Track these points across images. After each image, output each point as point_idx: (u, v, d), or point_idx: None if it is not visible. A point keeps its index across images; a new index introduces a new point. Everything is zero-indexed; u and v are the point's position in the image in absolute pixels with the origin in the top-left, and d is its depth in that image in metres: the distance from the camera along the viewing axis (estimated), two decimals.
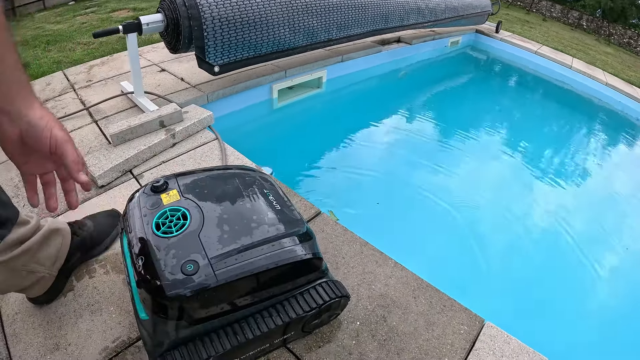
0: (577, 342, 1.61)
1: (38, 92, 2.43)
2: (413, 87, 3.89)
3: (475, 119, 3.46)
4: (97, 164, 1.59)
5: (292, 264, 0.78)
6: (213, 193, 0.86)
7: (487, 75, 4.63)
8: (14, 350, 1.05)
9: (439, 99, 3.72)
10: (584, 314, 1.77)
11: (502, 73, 4.70)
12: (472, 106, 3.75)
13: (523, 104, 4.04)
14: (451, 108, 3.59)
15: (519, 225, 2.18)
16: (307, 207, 1.46)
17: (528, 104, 4.06)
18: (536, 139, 3.31)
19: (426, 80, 4.05)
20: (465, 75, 4.41)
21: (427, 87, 3.90)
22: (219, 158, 1.72)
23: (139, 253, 0.76)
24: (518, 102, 4.07)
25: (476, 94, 4.03)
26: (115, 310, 1.13)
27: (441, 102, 3.65)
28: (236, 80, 2.54)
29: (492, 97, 4.07)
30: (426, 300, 1.12)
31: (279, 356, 1.00)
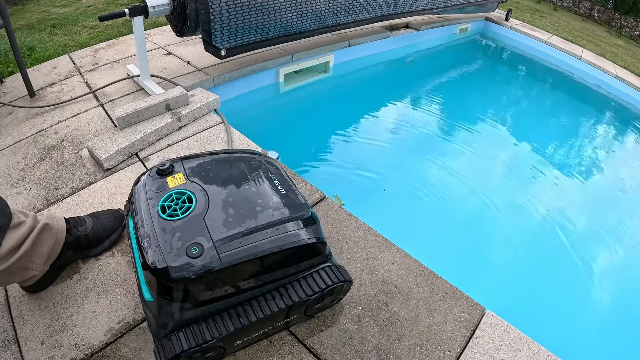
0: (578, 335, 1.62)
1: (44, 76, 2.44)
2: (420, 73, 3.85)
3: (482, 107, 3.43)
4: (103, 147, 1.60)
5: (296, 247, 0.79)
6: (218, 176, 0.86)
7: (495, 63, 4.57)
8: (20, 332, 1.06)
9: (446, 86, 3.69)
10: (587, 307, 1.77)
11: (510, 62, 4.64)
12: (479, 94, 3.72)
13: (530, 94, 4.00)
14: (458, 96, 3.56)
15: (524, 216, 2.17)
16: (312, 192, 1.46)
17: (536, 94, 4.02)
18: (542, 129, 3.28)
19: (434, 67, 4.01)
20: (473, 63, 4.36)
21: (434, 74, 3.86)
22: (224, 142, 1.72)
23: (144, 235, 0.77)
24: (525, 92, 4.03)
25: (484, 82, 3.99)
26: (121, 292, 1.14)
27: (448, 90, 3.62)
28: (242, 63, 2.53)
29: (500, 86, 4.03)
30: (428, 287, 1.13)
31: (281, 339, 1.01)
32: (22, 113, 2.06)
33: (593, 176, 2.80)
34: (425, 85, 3.63)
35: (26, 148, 1.77)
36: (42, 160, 1.68)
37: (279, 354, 0.99)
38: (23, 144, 1.81)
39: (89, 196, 1.47)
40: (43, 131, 1.87)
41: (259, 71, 2.60)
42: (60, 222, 1.11)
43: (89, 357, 1.01)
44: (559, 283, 1.82)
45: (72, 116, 1.97)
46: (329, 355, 0.98)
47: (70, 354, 1.01)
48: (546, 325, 1.58)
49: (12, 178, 1.60)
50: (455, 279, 1.17)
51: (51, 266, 1.11)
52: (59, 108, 2.06)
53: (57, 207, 1.43)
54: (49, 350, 1.02)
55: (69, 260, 1.20)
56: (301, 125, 2.75)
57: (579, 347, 1.55)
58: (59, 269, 1.18)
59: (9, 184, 1.57)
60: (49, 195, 1.49)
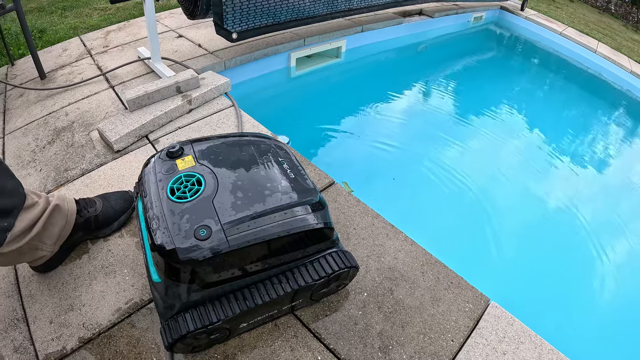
0: (582, 331, 1.61)
1: (54, 58, 2.45)
2: (433, 61, 3.81)
3: (494, 97, 3.39)
4: (114, 129, 1.60)
5: (303, 232, 0.79)
6: (228, 160, 0.86)
7: (509, 53, 4.50)
8: (29, 311, 1.08)
9: (458, 75, 3.65)
10: (593, 304, 1.75)
11: (524, 52, 4.57)
12: (492, 84, 3.67)
13: (543, 86, 3.94)
14: (470, 85, 3.52)
15: (533, 208, 2.16)
16: (321, 177, 1.46)
17: (549, 86, 3.96)
18: (554, 121, 3.24)
19: (446, 55, 3.96)
20: (486, 52, 4.30)
21: (446, 62, 3.82)
22: (235, 125, 1.72)
23: (153, 217, 0.77)
24: (539, 84, 3.97)
25: (496, 72, 3.94)
26: (129, 272, 1.15)
27: (460, 79, 3.58)
28: (254, 47, 2.52)
29: (513, 77, 3.98)
30: (434, 276, 1.13)
31: (286, 322, 1.02)
32: (33, 95, 2.07)
33: (604, 170, 2.77)
34: (438, 73, 3.59)
35: (37, 130, 1.78)
36: (52, 141, 1.69)
37: (284, 337, 1.00)
38: (34, 125, 1.82)
39: (98, 177, 1.48)
40: (53, 113, 1.88)
41: (271, 55, 2.59)
42: (70, 204, 1.12)
43: (96, 336, 1.02)
44: (566, 278, 1.80)
45: (83, 98, 1.97)
46: (333, 340, 0.99)
47: (78, 333, 1.03)
48: (550, 319, 1.57)
49: (23, 159, 1.62)
50: (461, 268, 1.16)
51: (61, 247, 1.12)
52: (70, 90, 2.07)
53: (67, 189, 1.44)
54: (57, 329, 1.04)
55: (79, 241, 1.21)
56: (312, 110, 2.74)
57: (582, 344, 1.55)
58: (69, 250, 1.19)
59: (19, 165, 1.59)
60: (59, 177, 1.50)
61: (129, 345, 1.00)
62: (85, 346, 1.01)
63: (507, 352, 0.97)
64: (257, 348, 0.98)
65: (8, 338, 1.03)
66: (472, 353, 0.97)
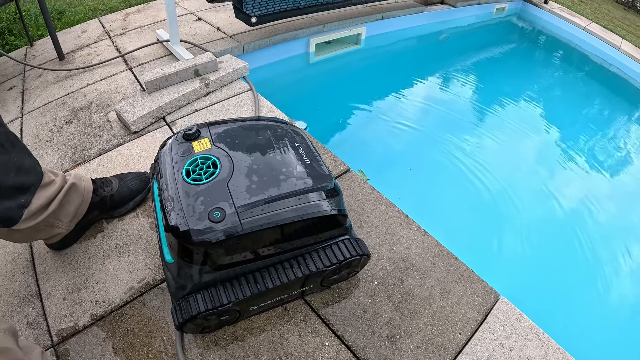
0: (590, 332, 1.59)
1: (73, 40, 2.46)
2: (453, 51, 3.75)
3: (514, 91, 3.33)
4: (131, 111, 1.61)
5: (317, 218, 0.79)
6: (244, 143, 0.87)
7: (531, 47, 4.42)
8: (43, 287, 1.10)
9: (478, 66, 3.59)
10: (605, 306, 1.72)
11: (546, 46, 4.48)
12: (512, 78, 3.61)
13: (564, 81, 3.87)
14: (490, 77, 3.47)
15: (550, 205, 2.13)
16: (337, 164, 1.46)
17: (570, 82, 3.88)
18: (574, 118, 3.18)
19: (467, 46, 3.90)
20: (508, 44, 4.22)
21: (467, 53, 3.76)
22: (252, 109, 1.72)
23: (168, 198, 0.78)
24: (559, 79, 3.90)
25: (517, 66, 3.87)
26: (143, 252, 1.17)
27: (480, 71, 3.53)
28: (273, 31, 2.51)
29: (533, 71, 3.91)
30: (445, 268, 1.12)
31: (296, 307, 1.03)
32: (52, 75, 2.09)
33: (621, 170, 2.72)
34: (458, 64, 3.54)
35: (55, 110, 1.80)
36: (70, 122, 1.71)
37: (293, 321, 1.00)
38: (52, 105, 1.84)
39: (115, 158, 1.49)
40: (72, 93, 1.90)
41: (290, 40, 2.58)
42: (87, 183, 1.14)
43: (108, 313, 1.04)
44: (578, 278, 1.78)
45: (101, 79, 1.99)
46: (341, 326, 0.99)
47: (90, 310, 1.04)
48: (559, 318, 1.56)
49: (41, 139, 1.64)
50: (472, 262, 1.16)
51: (76, 225, 1.14)
52: (88, 71, 2.08)
53: (83, 168, 1.46)
54: (70, 306, 1.06)
55: (94, 220, 1.23)
56: (330, 96, 2.72)
57: (590, 345, 1.53)
58: (84, 228, 1.21)
59: (37, 145, 1.61)
60: (76, 156, 1.52)
61: (140, 323, 1.02)
62: (97, 323, 1.02)
63: (514, 348, 0.97)
64: (266, 331, 0.99)
65: (22, 313, 1.05)
66: (478, 347, 0.97)
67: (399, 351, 0.95)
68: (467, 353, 0.96)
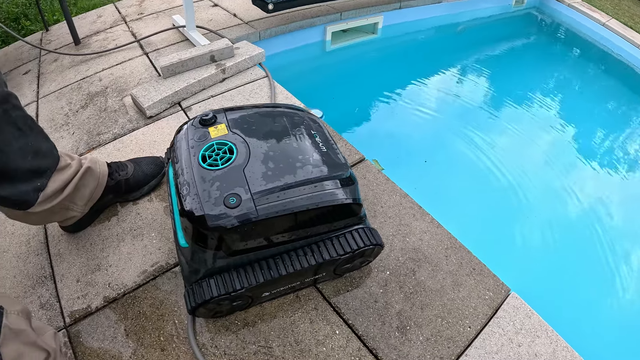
0: (601, 333, 1.58)
1: (89, 25, 2.47)
2: (470, 43, 3.71)
3: (530, 85, 3.29)
4: (147, 95, 1.62)
5: (332, 206, 0.79)
6: (261, 130, 0.86)
7: (549, 41, 4.35)
8: (57, 269, 1.11)
9: (495, 59, 3.55)
10: (618, 308, 1.70)
11: (564, 41, 4.40)
12: (529, 72, 3.56)
13: (582, 77, 3.80)
14: (507, 71, 3.43)
15: (565, 203, 2.10)
16: (352, 152, 1.45)
17: (587, 78, 3.82)
18: (590, 115, 3.13)
19: (484, 38, 3.85)
20: (526, 38, 4.16)
21: (484, 45, 3.71)
22: (268, 96, 1.71)
23: (184, 183, 0.78)
24: (577, 75, 3.84)
25: (534, 60, 3.81)
26: (156, 236, 1.18)
27: (497, 63, 3.48)
28: (289, 19, 2.50)
29: (551, 66, 3.86)
30: (457, 261, 1.12)
31: (307, 294, 1.03)
32: (67, 60, 2.10)
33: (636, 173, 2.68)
34: (474, 56, 3.50)
35: (70, 94, 1.81)
36: (85, 106, 1.72)
37: (304, 308, 1.01)
38: (67, 90, 1.85)
39: (130, 142, 1.50)
40: (87, 78, 1.91)
41: (306, 27, 2.57)
42: (102, 166, 1.14)
43: (121, 296, 1.05)
44: (590, 276, 1.76)
45: (117, 64, 1.99)
46: (352, 315, 1.00)
47: (103, 293, 1.05)
48: (569, 316, 1.55)
49: (56, 122, 1.65)
50: (484, 255, 1.15)
51: (91, 208, 1.15)
52: (104, 56, 2.09)
53: (98, 152, 1.47)
54: (84, 288, 1.07)
55: (109, 203, 1.24)
56: (345, 85, 2.71)
57: (600, 345, 1.52)
58: (98, 211, 1.22)
59: (52, 128, 1.62)
60: (91, 140, 1.53)
61: (152, 306, 1.03)
62: (109, 305, 1.03)
63: (523, 344, 0.96)
64: (277, 318, 0.99)
65: (35, 294, 1.07)
66: (487, 342, 0.96)
67: (408, 342, 0.96)
68: (476, 347, 0.95)
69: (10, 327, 0.65)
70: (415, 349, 0.94)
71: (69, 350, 0.96)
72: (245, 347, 0.95)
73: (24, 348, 0.67)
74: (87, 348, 0.96)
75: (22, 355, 0.67)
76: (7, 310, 0.67)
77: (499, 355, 0.94)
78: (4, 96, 0.82)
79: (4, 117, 0.82)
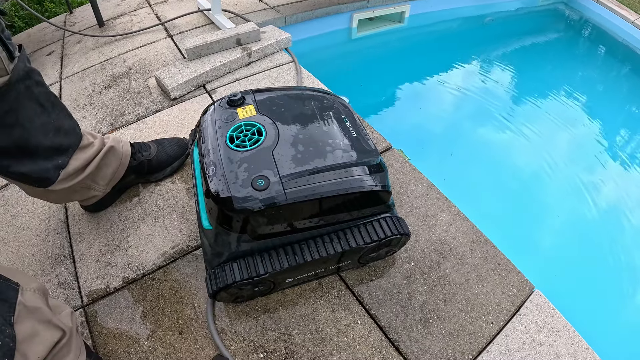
0: (624, 336, 1.55)
1: (113, 7, 2.47)
2: (497, 35, 3.65)
3: (556, 81, 3.23)
4: (171, 77, 1.61)
5: (361, 193, 0.77)
6: (290, 112, 0.85)
7: (575, 37, 4.26)
8: (77, 248, 1.12)
9: (521, 52, 3.48)
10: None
11: (591, 38, 4.31)
12: (554, 67, 3.49)
13: (608, 75, 3.72)
14: (532, 65, 3.36)
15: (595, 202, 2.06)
16: (379, 140, 1.43)
17: (613, 76, 3.74)
18: (616, 114, 3.06)
19: (511, 31, 3.78)
20: (553, 33, 4.08)
21: (511, 38, 3.64)
22: (294, 81, 1.69)
23: (210, 164, 0.77)
24: (603, 72, 3.75)
25: (560, 55, 3.74)
26: (178, 218, 1.17)
27: (523, 57, 3.41)
28: (316, 4, 2.47)
29: (577, 62, 3.78)
30: (482, 255, 1.09)
31: (330, 282, 1.02)
32: (91, 42, 2.10)
33: None
34: (500, 48, 3.45)
35: (94, 75, 1.81)
36: (109, 87, 1.72)
37: (326, 297, 0.99)
38: (91, 71, 1.85)
39: (153, 123, 1.50)
40: (111, 59, 1.91)
41: (332, 14, 2.55)
42: (125, 146, 1.14)
43: (140, 277, 1.05)
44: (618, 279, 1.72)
45: (141, 46, 1.99)
46: (375, 305, 0.98)
47: (122, 273, 1.06)
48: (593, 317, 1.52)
49: (79, 103, 1.65)
50: (510, 251, 1.12)
51: (113, 188, 1.15)
52: (128, 38, 2.09)
53: (121, 132, 1.47)
54: (103, 268, 1.07)
55: (131, 184, 1.24)
56: (371, 73, 2.69)
57: (623, 349, 1.49)
58: (120, 191, 1.22)
59: (75, 108, 1.62)
60: (114, 121, 1.53)
61: (172, 289, 1.02)
62: (128, 286, 1.04)
63: (544, 343, 0.94)
64: (299, 305, 0.98)
65: (53, 273, 1.07)
66: (509, 339, 0.94)
67: (430, 335, 0.94)
68: (498, 343, 0.93)
69: (25, 305, 0.65)
70: (437, 342, 0.93)
71: (86, 330, 0.96)
72: (265, 333, 0.94)
73: (39, 326, 0.67)
74: (103, 328, 0.96)
75: (37, 333, 0.66)
76: (23, 288, 0.67)
77: (520, 353, 0.92)
78: (26, 72, 0.81)
79: (26, 93, 0.81)
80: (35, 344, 0.65)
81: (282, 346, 0.92)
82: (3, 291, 0.62)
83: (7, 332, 0.60)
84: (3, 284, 0.63)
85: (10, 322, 0.60)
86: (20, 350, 0.61)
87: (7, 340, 0.59)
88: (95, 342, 0.95)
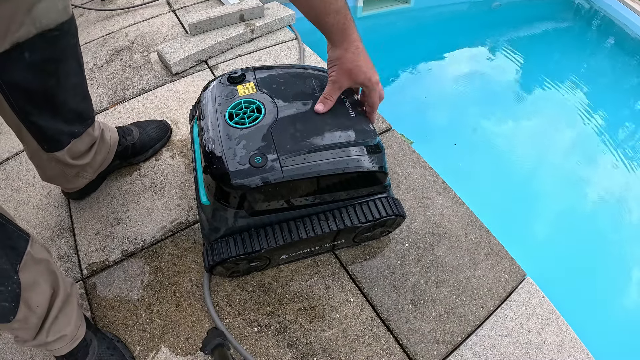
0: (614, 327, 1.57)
1: None
2: (504, 21, 3.59)
3: (561, 71, 3.20)
4: (173, 52, 1.60)
5: (358, 173, 0.78)
6: (290, 91, 0.85)
7: (584, 26, 4.21)
8: (77, 222, 1.13)
9: (528, 40, 3.44)
10: (632, 302, 1.69)
11: (600, 29, 4.25)
12: (561, 57, 3.46)
13: (615, 67, 3.69)
14: (538, 54, 3.33)
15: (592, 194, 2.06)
16: (379, 121, 1.42)
17: (619, 68, 3.71)
18: (618, 107, 3.04)
19: (520, 18, 3.72)
20: (561, 22, 4.02)
21: (518, 25, 3.59)
22: (297, 58, 1.68)
23: (209, 140, 0.77)
24: (610, 64, 3.72)
25: (568, 45, 3.71)
26: (177, 192, 1.18)
27: (529, 45, 3.37)
28: None
29: (584, 52, 3.74)
30: (476, 239, 1.11)
31: (325, 260, 1.04)
32: (93, 15, 2.08)
33: None
34: (507, 34, 3.40)
35: (95, 49, 1.80)
36: (110, 61, 1.71)
37: (321, 274, 1.01)
38: (92, 45, 1.84)
39: (155, 98, 1.50)
40: (113, 33, 1.89)
41: None
42: (113, 134, 1.13)
43: (139, 251, 1.06)
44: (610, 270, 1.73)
45: (143, 20, 1.97)
46: (368, 284, 1.00)
47: (121, 246, 1.07)
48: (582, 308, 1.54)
49: None
50: (504, 237, 1.13)
51: (98, 175, 1.14)
52: (130, 12, 2.07)
53: (122, 107, 1.47)
54: (102, 241, 1.08)
55: (114, 169, 1.23)
56: (375, 54, 2.66)
57: (608, 340, 1.50)
58: (102, 178, 1.21)
59: None
60: (115, 95, 1.53)
61: (170, 262, 1.04)
62: (127, 259, 1.05)
63: (532, 330, 0.96)
64: (293, 281, 1.00)
65: (54, 246, 1.09)
66: (498, 324, 0.96)
67: (421, 316, 0.96)
68: (487, 328, 0.95)
69: (33, 255, 0.67)
70: (427, 323, 0.95)
71: (85, 302, 0.98)
72: (259, 308, 0.96)
73: (41, 277, 0.69)
74: (102, 300, 0.98)
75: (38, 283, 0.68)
76: (34, 239, 0.69)
77: (508, 338, 0.94)
78: (76, 28, 0.81)
79: (73, 49, 0.81)
80: (37, 294, 0.67)
81: (275, 321, 0.94)
82: (15, 239, 0.64)
83: (14, 278, 0.62)
84: (15, 232, 0.65)
85: (16, 269, 0.62)
86: (23, 298, 0.63)
87: (15, 287, 0.62)
88: (94, 314, 0.97)
